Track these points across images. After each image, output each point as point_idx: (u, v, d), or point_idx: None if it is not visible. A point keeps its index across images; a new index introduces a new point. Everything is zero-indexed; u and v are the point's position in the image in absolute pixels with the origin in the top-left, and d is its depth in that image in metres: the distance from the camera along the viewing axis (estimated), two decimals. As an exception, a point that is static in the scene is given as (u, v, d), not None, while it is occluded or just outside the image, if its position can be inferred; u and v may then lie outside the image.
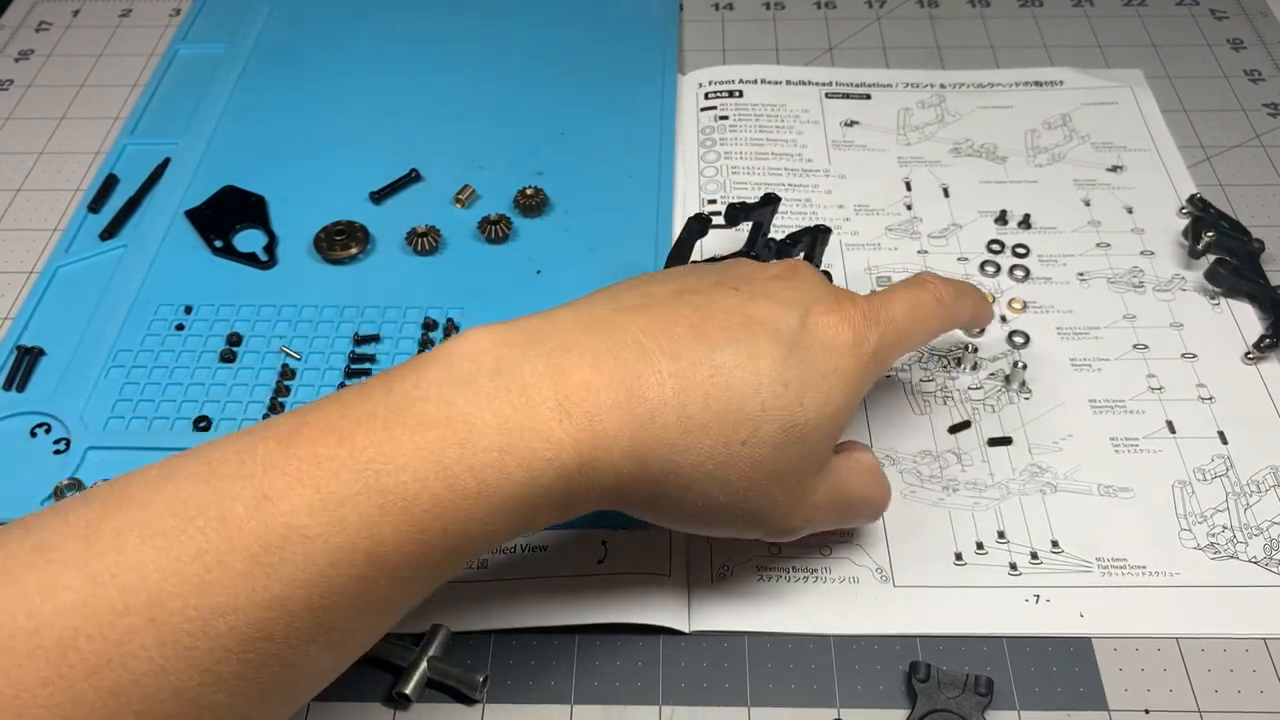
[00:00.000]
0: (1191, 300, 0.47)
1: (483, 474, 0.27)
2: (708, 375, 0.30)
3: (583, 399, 0.29)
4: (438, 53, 0.60)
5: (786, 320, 0.32)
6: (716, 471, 0.31)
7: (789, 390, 0.31)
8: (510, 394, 0.28)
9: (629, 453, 0.29)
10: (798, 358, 0.32)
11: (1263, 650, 0.36)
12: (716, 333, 0.31)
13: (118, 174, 0.54)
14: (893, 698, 0.35)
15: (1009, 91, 0.57)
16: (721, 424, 0.30)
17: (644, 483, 0.30)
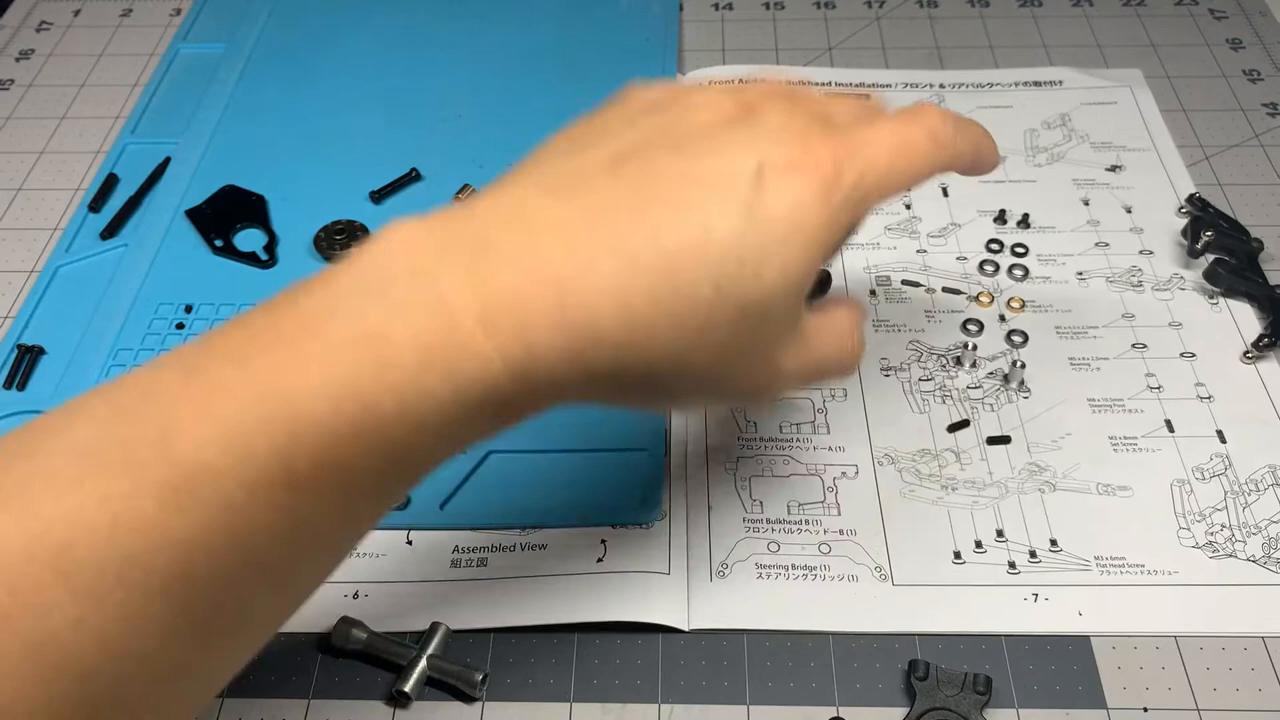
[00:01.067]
0: (1190, 299, 0.47)
1: (402, 394, 0.25)
2: (651, 264, 0.26)
3: (508, 308, 0.26)
4: (438, 53, 0.60)
5: (740, 180, 0.28)
6: (671, 364, 0.27)
7: (744, 268, 0.27)
8: (426, 304, 0.25)
9: (568, 360, 0.26)
10: (754, 227, 0.27)
11: (1261, 648, 0.36)
12: (659, 210, 0.27)
13: (118, 173, 0.54)
14: (892, 696, 0.35)
15: (1008, 91, 0.57)
16: (672, 317, 0.27)
17: (591, 386, 0.27)
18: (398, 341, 0.25)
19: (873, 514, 0.40)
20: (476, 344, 0.25)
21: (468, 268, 0.26)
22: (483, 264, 0.26)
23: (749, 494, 0.41)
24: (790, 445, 0.42)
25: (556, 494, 0.41)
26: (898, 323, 0.46)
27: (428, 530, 0.40)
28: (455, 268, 0.26)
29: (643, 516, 0.40)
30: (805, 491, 0.41)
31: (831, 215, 0.28)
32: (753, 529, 0.40)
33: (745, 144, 0.28)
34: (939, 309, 0.47)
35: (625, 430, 0.43)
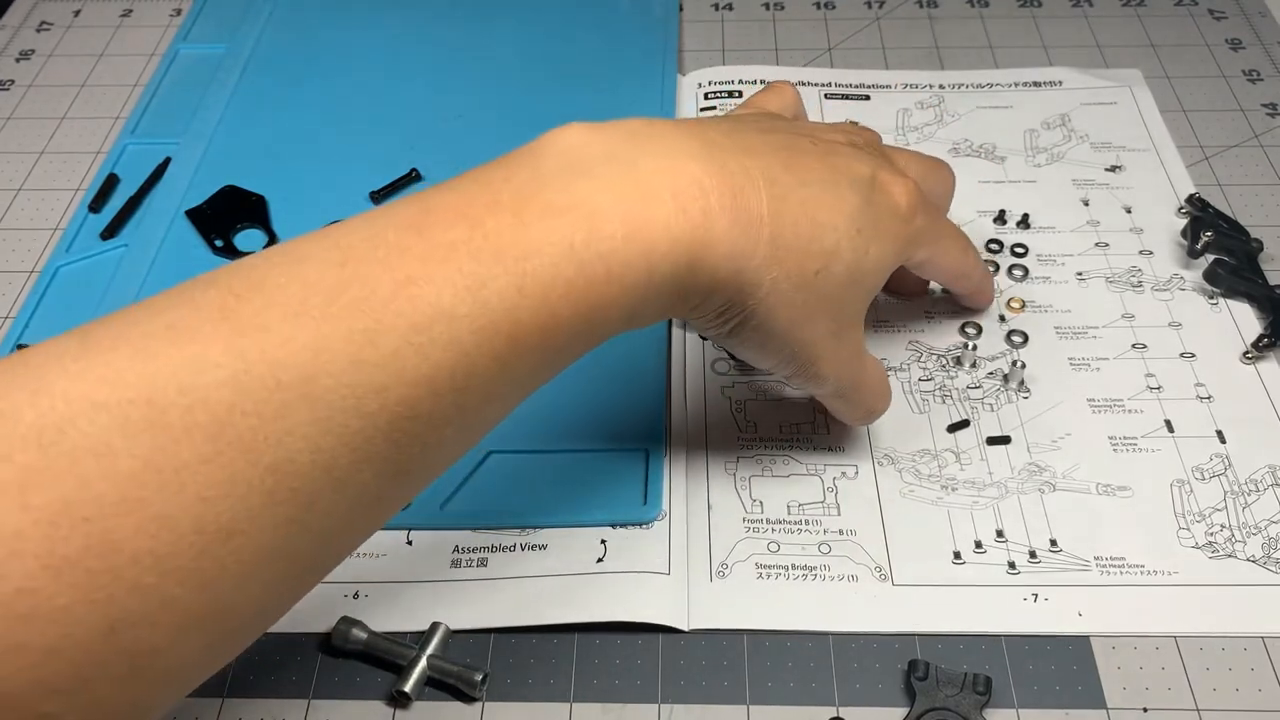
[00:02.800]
0: (1190, 300, 0.47)
1: (609, 261, 0.28)
2: (798, 204, 0.32)
3: (696, 197, 0.29)
4: (438, 53, 0.60)
5: (862, 173, 0.35)
6: (790, 293, 0.32)
7: (860, 236, 0.34)
8: (628, 184, 0.29)
9: (729, 258, 0.30)
10: (870, 210, 0.34)
11: (1260, 649, 0.36)
12: (804, 170, 0.33)
13: (118, 174, 0.54)
14: (891, 696, 0.35)
15: (1008, 92, 0.57)
16: (803, 251, 0.32)
17: (730, 291, 0.31)
18: (607, 214, 0.28)
19: (873, 514, 0.40)
20: (670, 221, 0.29)
21: (661, 159, 0.30)
22: (674, 159, 0.30)
23: (749, 494, 0.41)
24: (790, 445, 0.42)
25: (556, 494, 0.41)
26: (898, 323, 0.46)
27: (428, 530, 0.40)
28: (650, 157, 0.30)
29: (643, 516, 0.40)
30: (805, 491, 0.41)
31: (910, 235, 0.36)
32: (753, 529, 0.40)
33: (862, 157, 0.35)
34: (939, 309, 0.47)
35: (625, 430, 0.43)
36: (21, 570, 0.21)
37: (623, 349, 0.46)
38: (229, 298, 0.25)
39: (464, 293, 0.26)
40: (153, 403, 0.22)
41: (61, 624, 0.21)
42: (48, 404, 0.22)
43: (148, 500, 0.22)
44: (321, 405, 0.24)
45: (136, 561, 0.22)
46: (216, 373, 0.23)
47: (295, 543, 0.25)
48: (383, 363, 0.25)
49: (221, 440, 0.23)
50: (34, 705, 0.21)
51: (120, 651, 0.22)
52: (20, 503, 0.21)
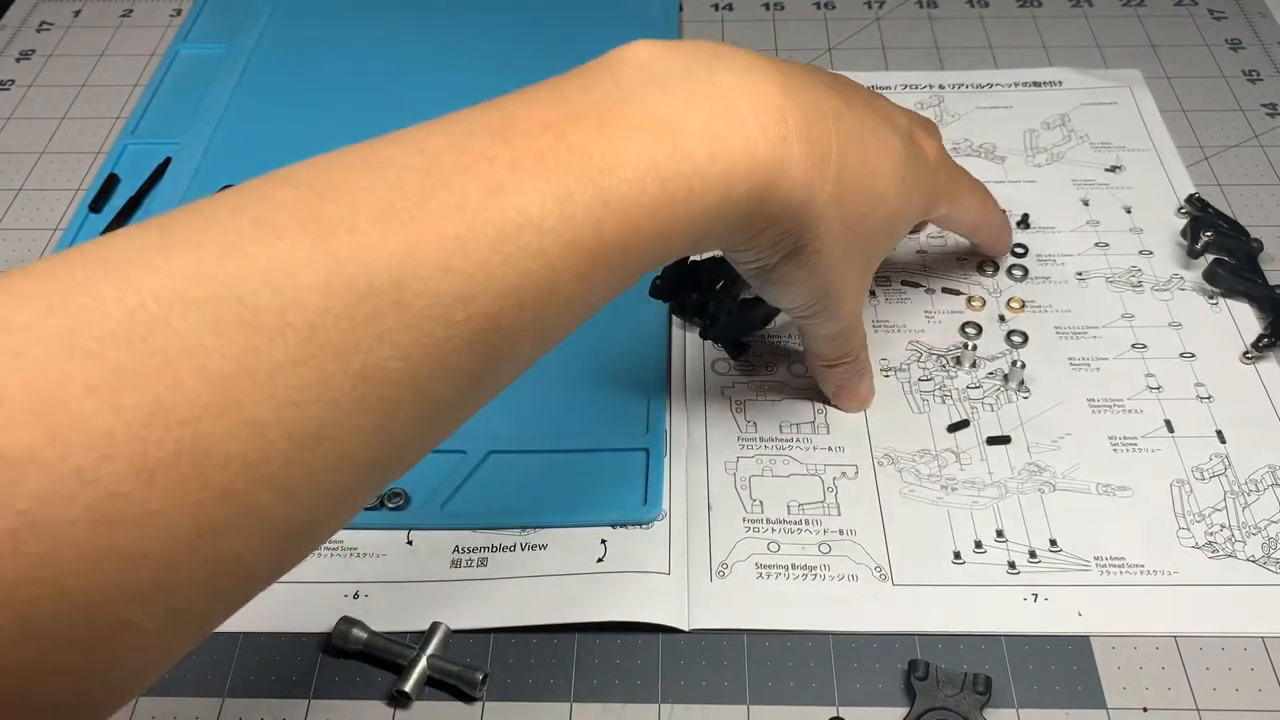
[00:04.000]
0: (1190, 300, 0.47)
1: (691, 179, 0.27)
2: (859, 145, 0.32)
3: (776, 120, 0.29)
4: (438, 53, 0.60)
5: (904, 125, 0.36)
6: (840, 232, 0.33)
7: (904, 186, 0.34)
8: (710, 101, 0.28)
9: (802, 187, 0.30)
10: (911, 161, 0.35)
11: (1260, 649, 0.36)
12: (861, 113, 0.33)
13: (119, 174, 0.54)
14: (891, 696, 0.35)
15: (1007, 92, 0.57)
16: (858, 193, 0.32)
17: (792, 221, 0.31)
18: (689, 129, 0.28)
19: (873, 514, 0.40)
20: (752, 142, 0.29)
21: (738, 73, 0.29)
22: (754, 78, 0.29)
23: (749, 494, 0.41)
24: (790, 445, 0.42)
25: (556, 494, 0.41)
26: (897, 323, 0.46)
27: (428, 530, 0.40)
28: (727, 73, 0.29)
29: (643, 516, 0.40)
30: (805, 491, 0.41)
31: (935, 185, 0.38)
32: (753, 529, 0.40)
33: (900, 113, 0.37)
34: (939, 309, 0.47)
35: (626, 430, 0.43)
36: (113, 473, 0.20)
37: (623, 349, 0.46)
38: (313, 196, 0.23)
39: (551, 204, 0.25)
40: (244, 302, 0.21)
41: (151, 530, 0.20)
42: (136, 300, 0.21)
43: (240, 403, 0.21)
44: (410, 312, 0.23)
45: (226, 466, 0.21)
46: (308, 274, 0.22)
47: (377, 451, 0.24)
48: (471, 271, 0.24)
49: (313, 344, 0.22)
50: (116, 611, 0.20)
51: (205, 559, 0.21)
52: (112, 402, 0.20)
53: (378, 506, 0.40)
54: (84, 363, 0.20)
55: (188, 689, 0.36)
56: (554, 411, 0.43)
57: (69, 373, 0.20)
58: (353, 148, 0.26)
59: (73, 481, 0.19)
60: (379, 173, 0.24)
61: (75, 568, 0.20)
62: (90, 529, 0.20)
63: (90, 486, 0.19)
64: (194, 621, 0.23)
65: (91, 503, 0.20)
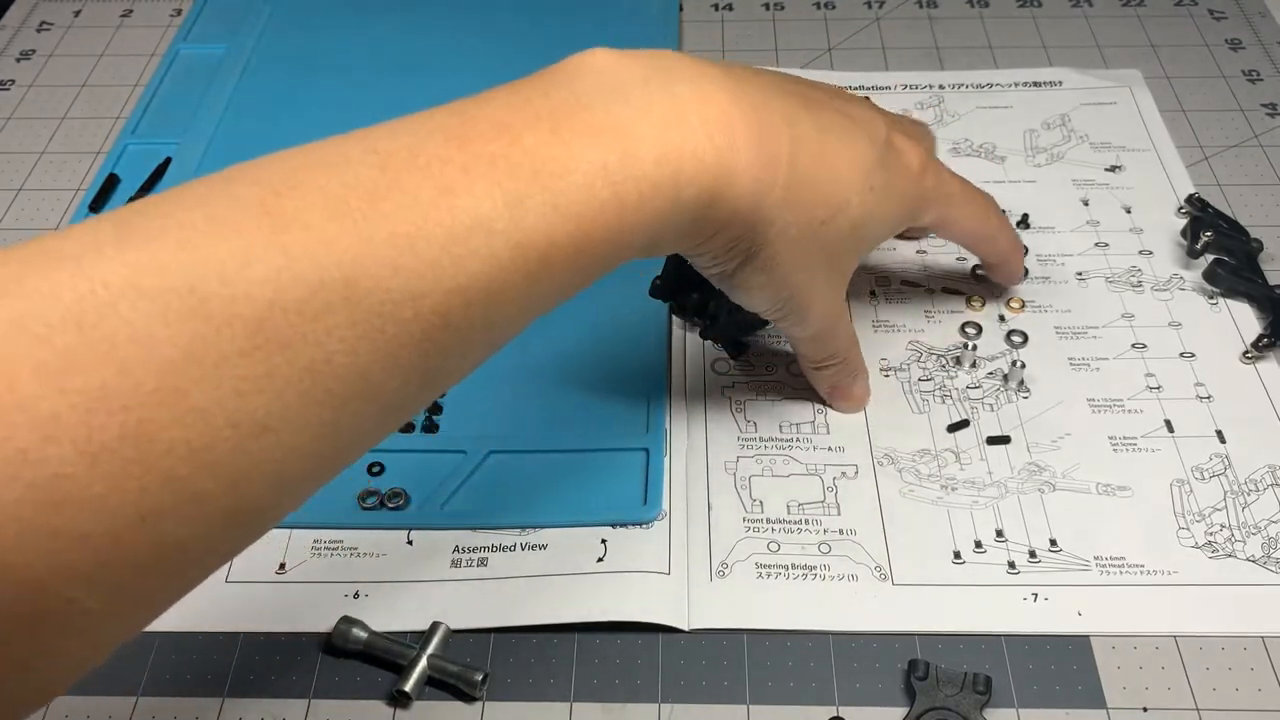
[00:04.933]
0: (1190, 300, 0.47)
1: (641, 184, 0.28)
2: (816, 151, 0.33)
3: (724, 128, 0.30)
4: (439, 53, 0.60)
5: (879, 130, 0.36)
6: (797, 238, 0.33)
7: (872, 194, 0.34)
8: (663, 109, 0.29)
9: (749, 192, 0.31)
10: (882, 168, 0.35)
11: (1260, 648, 0.36)
12: (825, 118, 0.34)
13: (119, 174, 0.54)
14: (891, 695, 0.35)
15: (1008, 92, 0.57)
16: (814, 198, 0.33)
17: (743, 226, 0.32)
18: (641, 135, 0.28)
19: (873, 514, 0.40)
20: (700, 148, 0.29)
21: (693, 87, 0.30)
22: (704, 87, 0.30)
23: (749, 494, 0.41)
24: (790, 445, 0.42)
25: (556, 494, 0.41)
26: (897, 323, 0.46)
27: (428, 530, 0.40)
28: (681, 83, 0.30)
29: (643, 516, 0.40)
30: (805, 491, 0.41)
31: (917, 197, 0.38)
32: (753, 529, 0.40)
33: (879, 117, 0.37)
34: (938, 309, 0.47)
35: (626, 430, 0.43)
36: (58, 455, 0.20)
37: (623, 349, 0.46)
38: (268, 194, 0.24)
39: (502, 207, 0.26)
40: (194, 292, 0.22)
41: (94, 511, 0.21)
42: (87, 288, 0.21)
43: (185, 391, 0.22)
44: (360, 309, 0.24)
45: (170, 452, 0.22)
46: (259, 267, 0.23)
47: (323, 444, 0.25)
48: (421, 270, 0.24)
49: (261, 335, 0.22)
50: (60, 590, 0.21)
51: (148, 542, 0.22)
52: (59, 386, 0.20)
53: (378, 506, 0.40)
54: (32, 346, 0.20)
55: (188, 688, 0.36)
56: (554, 411, 0.43)
57: (17, 354, 0.20)
58: (312, 145, 0.26)
59: (16, 461, 0.20)
60: (335, 171, 0.25)
61: (16, 545, 0.20)
62: (33, 508, 0.20)
63: (34, 467, 0.20)
64: (138, 603, 0.24)
65: (35, 483, 0.20)
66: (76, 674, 0.24)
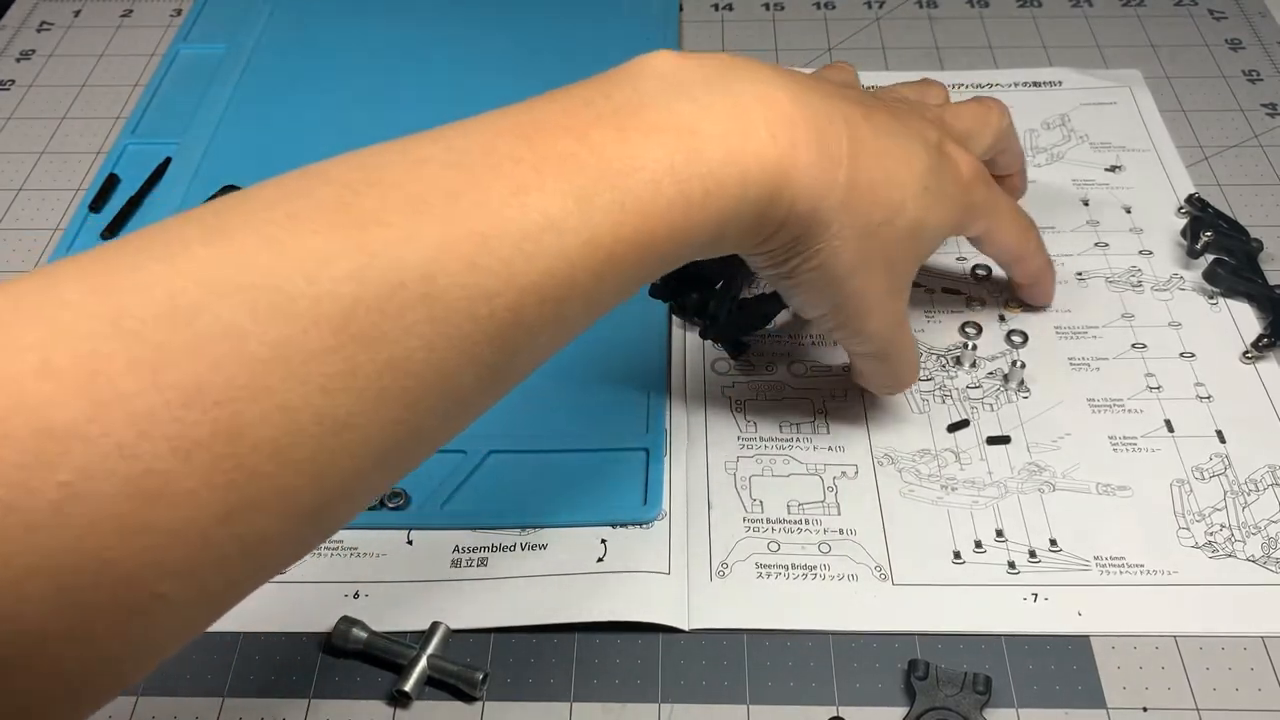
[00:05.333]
0: (1190, 300, 0.47)
1: (706, 182, 0.28)
2: (873, 152, 0.33)
3: (786, 128, 0.30)
4: (439, 54, 0.60)
5: (932, 137, 0.36)
6: (854, 239, 0.33)
7: (926, 195, 0.35)
8: (726, 109, 0.30)
9: (808, 192, 0.31)
10: (936, 172, 0.35)
11: (1260, 648, 0.36)
12: (880, 121, 0.34)
13: (119, 174, 0.54)
14: (891, 695, 0.35)
15: (1008, 92, 0.57)
16: (873, 200, 0.33)
17: (801, 227, 0.32)
18: (707, 135, 0.29)
19: (873, 514, 0.40)
20: (764, 148, 0.30)
21: (755, 88, 0.31)
22: (766, 90, 0.31)
23: (749, 494, 0.41)
24: (790, 445, 0.42)
25: (556, 494, 0.41)
26: (897, 323, 0.46)
27: (428, 530, 0.40)
28: (745, 85, 0.30)
29: (643, 516, 0.40)
30: (805, 491, 0.41)
31: (966, 205, 0.38)
32: (753, 529, 0.40)
33: (930, 124, 0.37)
34: (938, 309, 0.47)
35: (626, 430, 0.43)
36: (152, 451, 0.20)
37: (623, 349, 0.46)
38: (347, 192, 0.25)
39: (572, 205, 0.26)
40: (281, 290, 0.22)
41: (185, 507, 0.21)
42: (180, 285, 0.22)
43: (274, 389, 0.22)
44: (439, 306, 0.24)
45: (258, 449, 0.22)
46: (342, 265, 0.23)
47: (399, 440, 0.25)
48: (496, 268, 0.25)
49: (345, 333, 0.23)
50: (150, 585, 0.21)
51: (234, 537, 0.22)
52: (154, 382, 0.21)
53: (378, 506, 0.40)
54: (128, 341, 0.21)
55: (188, 688, 0.36)
56: (554, 411, 0.43)
57: (113, 350, 0.20)
58: (387, 144, 0.27)
59: (114, 457, 0.20)
60: (413, 169, 0.26)
61: (114, 540, 0.20)
62: (129, 503, 0.20)
63: (130, 462, 0.20)
64: (219, 597, 0.24)
65: (131, 478, 0.20)
66: (153, 664, 0.24)
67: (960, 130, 0.40)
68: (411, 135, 0.27)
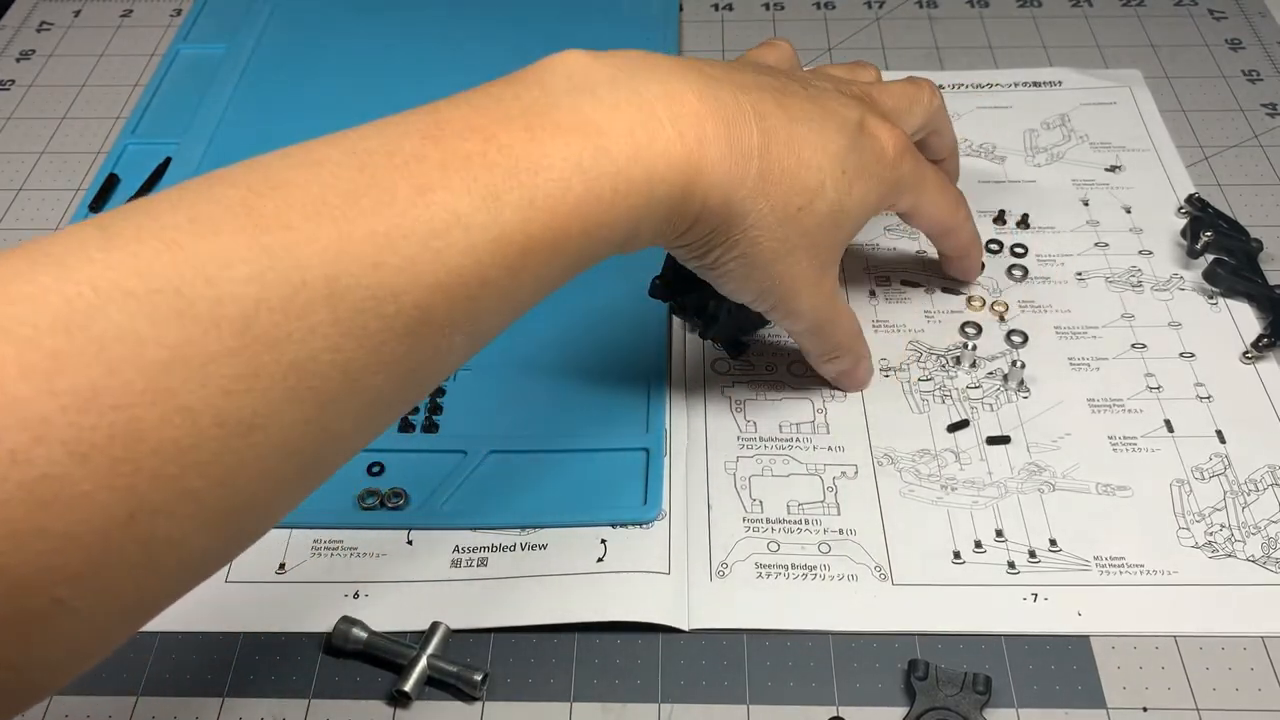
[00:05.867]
0: (1190, 300, 0.47)
1: (615, 180, 0.29)
2: (785, 140, 0.33)
3: (693, 124, 0.31)
4: (439, 54, 0.61)
5: (850, 117, 0.36)
6: (774, 226, 0.34)
7: (845, 177, 0.35)
8: (632, 108, 0.30)
9: (719, 186, 0.32)
10: (855, 153, 0.36)
11: (1260, 648, 0.36)
12: (794, 108, 0.34)
13: (119, 174, 0.54)
14: (891, 695, 0.35)
15: (1007, 92, 0.57)
16: (789, 186, 0.34)
17: (717, 219, 0.33)
18: (613, 133, 0.29)
19: (873, 514, 0.40)
20: (670, 145, 0.30)
21: (661, 86, 0.31)
22: (672, 86, 0.31)
23: (749, 494, 0.41)
24: (790, 445, 0.42)
25: (556, 494, 0.41)
26: (897, 323, 0.47)
27: (428, 530, 0.40)
28: (650, 83, 0.31)
29: (643, 516, 0.40)
30: (805, 491, 0.41)
31: (893, 181, 0.38)
32: (753, 529, 0.40)
33: (850, 103, 0.37)
34: (938, 309, 0.47)
35: (625, 430, 0.43)
36: (46, 456, 0.20)
37: (623, 349, 0.46)
38: (250, 195, 0.25)
39: (479, 202, 0.26)
40: (181, 293, 0.22)
41: (82, 511, 0.21)
42: (74, 290, 0.21)
43: (174, 391, 0.22)
44: (342, 306, 0.24)
45: (159, 452, 0.22)
46: (243, 267, 0.23)
47: (310, 442, 0.25)
48: (401, 266, 0.25)
49: (247, 335, 0.23)
50: (48, 590, 0.21)
51: (137, 541, 0.22)
52: (48, 388, 0.20)
53: (378, 506, 0.40)
54: (20, 349, 0.21)
55: (189, 688, 0.36)
56: (554, 411, 0.43)
57: (5, 357, 0.20)
58: (292, 148, 0.27)
59: (5, 462, 0.20)
60: (315, 172, 0.26)
61: (6, 546, 0.20)
62: (23, 509, 0.20)
63: (23, 467, 0.20)
64: (128, 604, 0.24)
65: (24, 483, 0.20)
66: (69, 673, 0.24)
67: (888, 107, 0.40)
68: (317, 139, 0.27)
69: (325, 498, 0.28)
